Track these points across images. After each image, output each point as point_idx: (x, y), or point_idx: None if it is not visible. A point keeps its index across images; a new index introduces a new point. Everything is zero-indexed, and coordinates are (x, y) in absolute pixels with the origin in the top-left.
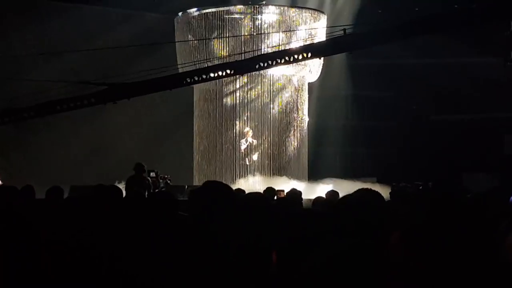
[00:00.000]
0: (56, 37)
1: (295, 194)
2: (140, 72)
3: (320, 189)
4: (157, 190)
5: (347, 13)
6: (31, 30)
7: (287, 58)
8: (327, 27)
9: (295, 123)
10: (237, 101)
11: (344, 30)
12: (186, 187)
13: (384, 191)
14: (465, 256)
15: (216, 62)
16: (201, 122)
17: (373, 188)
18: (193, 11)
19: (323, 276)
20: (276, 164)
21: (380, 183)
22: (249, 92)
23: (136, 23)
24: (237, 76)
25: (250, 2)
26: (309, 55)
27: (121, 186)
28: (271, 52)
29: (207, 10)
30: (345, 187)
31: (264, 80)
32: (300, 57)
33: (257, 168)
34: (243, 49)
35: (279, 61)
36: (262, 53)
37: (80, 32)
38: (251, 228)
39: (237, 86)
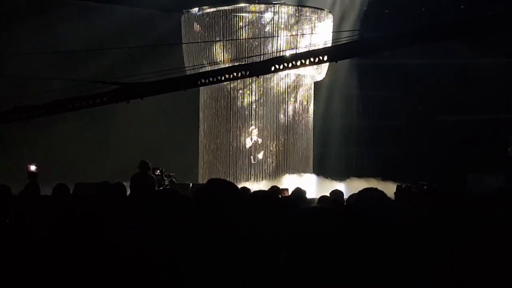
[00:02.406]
0: (67, 36)
1: (299, 192)
2: (157, 72)
3: (342, 188)
4: (161, 188)
5: (353, 13)
6: (41, 29)
7: (303, 60)
8: (343, 30)
9: (301, 122)
10: (245, 100)
11: (361, 34)
12: (191, 185)
13: (391, 190)
14: (462, 254)
15: (222, 63)
16: (207, 121)
17: (384, 187)
18: (196, 10)
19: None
20: (282, 163)
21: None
22: (256, 91)
23: (156, 23)
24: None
25: (256, 1)
26: (326, 58)
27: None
28: (287, 55)
29: (213, 9)
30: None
31: (270, 78)
32: (317, 60)
33: (263, 167)
34: (253, 49)
35: (294, 63)
36: (269, 53)
37: (93, 31)
38: (260, 224)
39: (241, 83)
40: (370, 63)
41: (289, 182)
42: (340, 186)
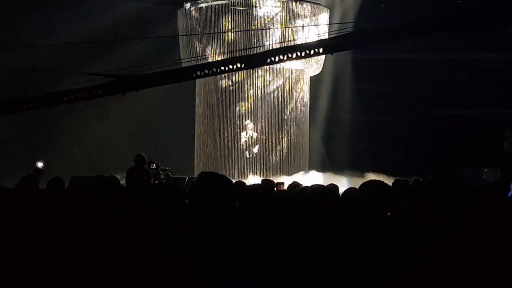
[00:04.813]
0: (62, 26)
1: (296, 187)
2: (153, 64)
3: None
4: (157, 182)
5: (350, 8)
6: (37, 20)
7: (298, 53)
8: (335, 23)
9: (301, 117)
10: (242, 95)
11: (357, 26)
12: (187, 179)
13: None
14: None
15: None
16: (204, 114)
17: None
18: (189, 5)
19: None
20: (276, 158)
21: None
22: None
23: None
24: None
25: None
26: (321, 50)
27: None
28: (283, 47)
29: (206, 4)
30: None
31: (267, 72)
32: (312, 52)
33: (258, 162)
34: (248, 42)
35: (290, 55)
36: (265, 46)
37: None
38: (256, 216)
39: (237, 77)
40: (365, 57)
41: (296, 179)
42: (344, 181)
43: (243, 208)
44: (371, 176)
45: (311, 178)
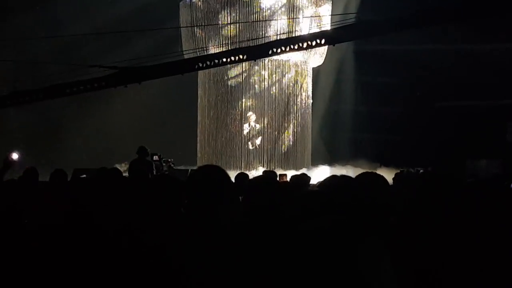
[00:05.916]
0: (62, 18)
1: (300, 179)
2: (154, 56)
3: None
4: (159, 174)
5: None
6: (42, 14)
7: (300, 44)
8: (338, 14)
9: (305, 110)
10: (242, 86)
11: (359, 17)
12: (189, 170)
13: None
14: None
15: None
16: (207, 106)
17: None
18: None
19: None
20: (278, 150)
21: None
22: (252, 77)
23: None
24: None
25: None
26: (323, 41)
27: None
28: (285, 38)
29: None
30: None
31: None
32: (314, 43)
33: (264, 155)
34: (250, 33)
35: (292, 47)
36: (266, 37)
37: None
38: (260, 208)
39: (242, 70)
40: (368, 48)
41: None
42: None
43: (247, 203)
44: (378, 169)
45: (318, 172)
